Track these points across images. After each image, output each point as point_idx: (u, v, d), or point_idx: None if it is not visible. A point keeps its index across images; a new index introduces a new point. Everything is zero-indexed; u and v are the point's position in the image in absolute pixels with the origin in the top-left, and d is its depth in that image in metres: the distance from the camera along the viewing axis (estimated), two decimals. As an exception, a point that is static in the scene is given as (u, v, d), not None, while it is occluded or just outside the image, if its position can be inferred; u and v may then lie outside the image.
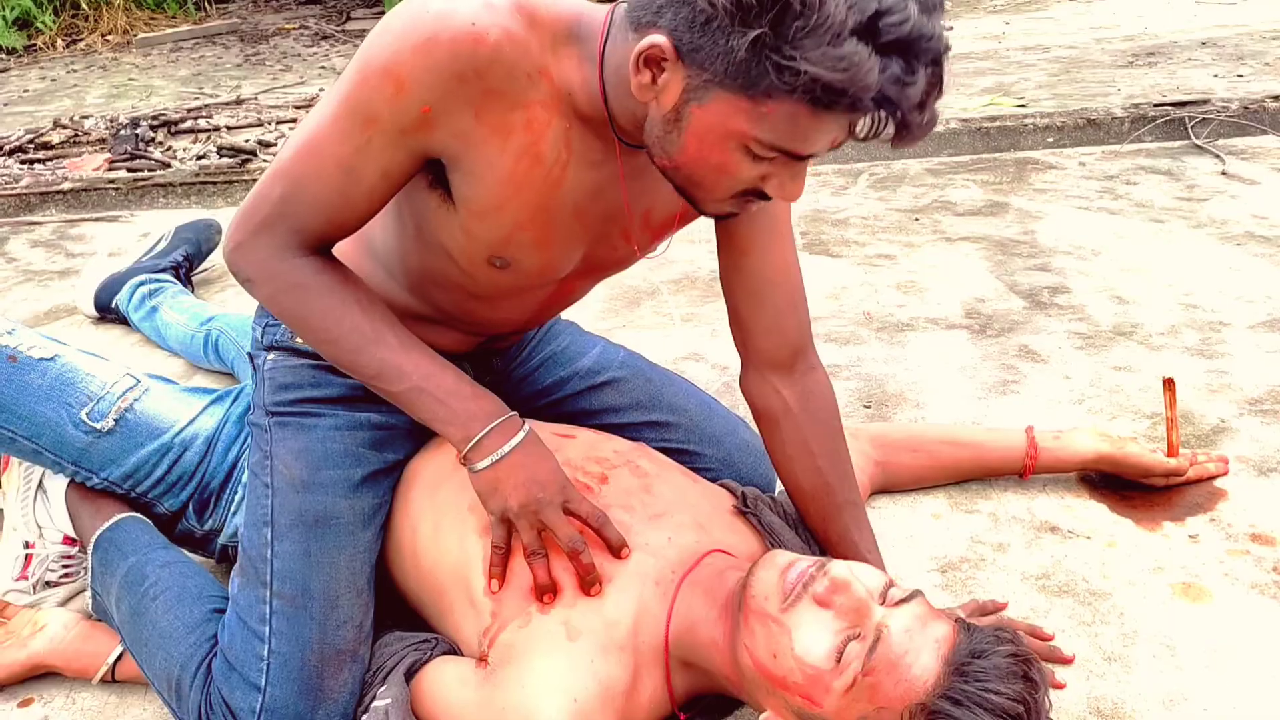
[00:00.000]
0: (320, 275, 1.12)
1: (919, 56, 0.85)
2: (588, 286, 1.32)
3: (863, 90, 0.84)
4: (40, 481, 1.45)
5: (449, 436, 1.15)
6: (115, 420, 1.37)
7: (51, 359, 1.39)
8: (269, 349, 1.32)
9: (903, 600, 1.02)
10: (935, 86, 0.88)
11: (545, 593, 1.13)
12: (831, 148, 0.95)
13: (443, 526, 1.24)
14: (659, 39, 0.89)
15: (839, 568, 1.04)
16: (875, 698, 0.98)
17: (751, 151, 0.93)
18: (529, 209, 1.07)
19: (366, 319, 1.12)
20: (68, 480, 1.42)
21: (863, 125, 0.89)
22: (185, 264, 2.41)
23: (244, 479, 1.39)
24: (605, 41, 0.99)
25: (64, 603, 1.46)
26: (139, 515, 1.40)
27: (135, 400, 1.40)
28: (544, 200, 1.07)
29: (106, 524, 1.36)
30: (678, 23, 0.88)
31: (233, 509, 1.40)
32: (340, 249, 1.17)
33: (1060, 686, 1.23)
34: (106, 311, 2.35)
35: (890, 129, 0.89)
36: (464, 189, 1.06)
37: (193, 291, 2.40)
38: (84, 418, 1.36)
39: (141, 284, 2.28)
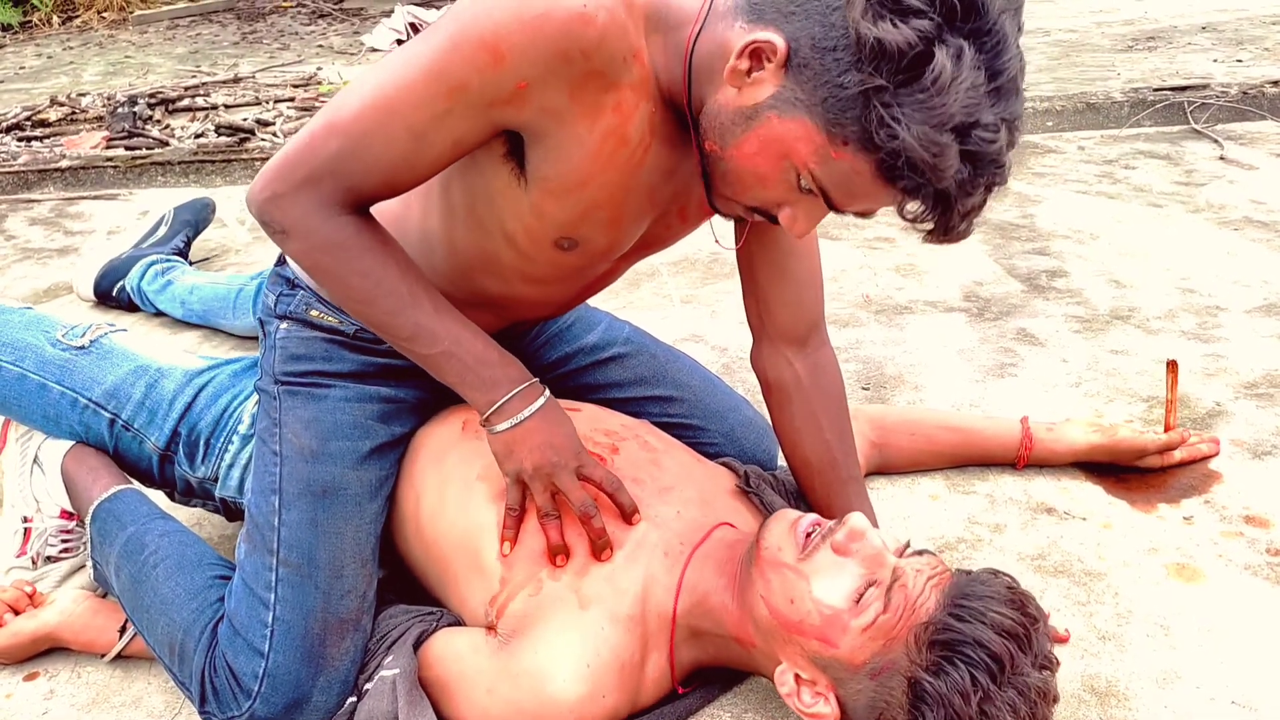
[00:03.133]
0: (360, 235, 1.10)
1: (985, 176, 0.89)
2: (628, 267, 1.32)
3: (935, 179, 0.88)
4: (36, 456, 1.46)
5: (473, 400, 1.16)
6: (90, 341, 1.46)
7: (27, 308, 1.52)
8: (281, 318, 1.32)
9: (914, 554, 1.09)
10: (981, 206, 0.92)
11: (558, 554, 1.16)
12: (862, 214, 0.97)
13: (448, 495, 1.26)
14: (778, 40, 0.90)
15: (857, 518, 1.08)
16: (889, 633, 1.02)
17: (799, 180, 0.95)
18: (609, 189, 1.07)
19: (404, 282, 1.12)
20: (63, 453, 1.43)
21: (912, 209, 0.92)
22: (187, 248, 2.43)
23: (239, 430, 1.41)
24: (701, 26, 0.98)
25: (66, 577, 1.47)
26: (135, 487, 1.42)
27: (110, 332, 1.50)
28: (625, 180, 1.07)
29: (103, 495, 1.38)
30: (801, 36, 0.89)
31: (227, 460, 1.42)
32: None
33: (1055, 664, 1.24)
34: (106, 299, 2.36)
35: (932, 224, 0.93)
36: (545, 166, 1.05)
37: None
38: (60, 337, 1.47)
39: (154, 263, 2.30)
